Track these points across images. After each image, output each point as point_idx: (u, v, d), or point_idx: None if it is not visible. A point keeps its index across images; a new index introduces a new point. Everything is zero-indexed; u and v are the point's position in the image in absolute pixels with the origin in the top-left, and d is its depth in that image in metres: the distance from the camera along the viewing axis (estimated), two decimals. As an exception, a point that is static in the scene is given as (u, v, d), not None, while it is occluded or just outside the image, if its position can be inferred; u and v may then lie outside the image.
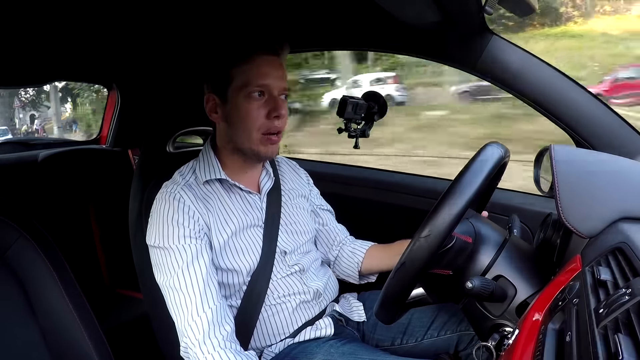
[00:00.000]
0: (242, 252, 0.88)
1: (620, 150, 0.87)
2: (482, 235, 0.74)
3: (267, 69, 0.84)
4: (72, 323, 0.71)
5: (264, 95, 0.85)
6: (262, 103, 0.85)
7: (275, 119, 0.85)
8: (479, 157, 0.67)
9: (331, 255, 1.09)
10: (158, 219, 0.83)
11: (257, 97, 0.84)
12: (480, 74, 0.99)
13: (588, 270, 0.54)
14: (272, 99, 0.85)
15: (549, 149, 0.72)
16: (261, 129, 0.85)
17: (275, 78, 0.85)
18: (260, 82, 0.83)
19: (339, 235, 1.10)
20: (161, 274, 0.82)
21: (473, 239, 0.74)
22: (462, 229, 0.73)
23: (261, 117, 0.84)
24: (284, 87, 0.87)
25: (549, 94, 0.93)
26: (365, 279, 1.09)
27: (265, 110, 0.84)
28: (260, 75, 0.84)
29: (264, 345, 0.90)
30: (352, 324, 0.99)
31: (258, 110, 0.84)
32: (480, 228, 0.75)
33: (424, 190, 1.35)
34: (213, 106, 0.89)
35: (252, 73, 0.83)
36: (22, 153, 1.70)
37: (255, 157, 0.89)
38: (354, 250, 1.08)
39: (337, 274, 1.10)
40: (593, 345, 0.39)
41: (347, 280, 1.10)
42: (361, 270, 1.07)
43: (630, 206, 0.64)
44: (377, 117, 1.12)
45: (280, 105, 0.85)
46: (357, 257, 1.07)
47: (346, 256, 1.08)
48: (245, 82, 0.83)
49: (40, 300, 0.72)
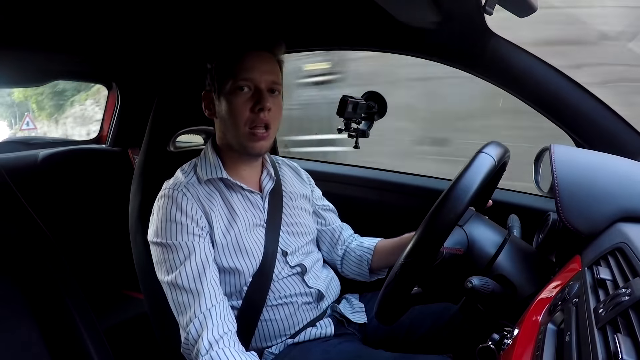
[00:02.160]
0: (245, 252, 0.87)
1: (620, 150, 0.87)
2: (475, 242, 0.73)
3: (252, 63, 0.85)
4: (72, 323, 0.71)
5: (250, 89, 0.85)
6: (248, 97, 0.85)
7: (260, 112, 0.84)
8: (469, 171, 0.64)
9: (336, 254, 1.09)
10: (160, 216, 0.83)
11: (243, 91, 0.84)
12: (480, 74, 0.99)
13: (588, 270, 0.54)
14: (257, 92, 0.85)
15: (549, 149, 0.72)
16: (247, 123, 0.85)
17: (262, 72, 0.85)
18: (245, 75, 0.84)
19: (343, 233, 1.09)
20: (163, 271, 0.82)
21: (465, 248, 0.73)
22: (453, 240, 0.73)
23: (247, 111, 0.84)
24: (272, 80, 0.86)
25: (549, 94, 0.93)
26: (376, 276, 1.08)
27: (250, 104, 0.85)
28: (245, 69, 0.84)
29: (265, 345, 0.90)
30: (354, 325, 0.99)
31: (244, 104, 0.84)
32: (475, 233, 0.74)
33: (424, 190, 1.35)
34: (208, 103, 0.90)
35: (238, 68, 0.84)
36: (22, 152, 1.71)
37: (244, 152, 0.89)
38: (361, 248, 1.07)
39: (347, 274, 1.09)
40: (592, 345, 0.39)
41: (357, 279, 1.09)
42: (371, 267, 1.06)
43: (630, 206, 0.64)
44: (377, 117, 1.12)
45: (265, 98, 0.84)
46: (366, 255, 1.06)
47: (354, 255, 1.07)
48: (232, 77, 0.84)
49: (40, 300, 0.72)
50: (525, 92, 0.95)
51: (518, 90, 0.95)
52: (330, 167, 1.62)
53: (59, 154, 1.68)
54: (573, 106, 0.92)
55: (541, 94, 0.93)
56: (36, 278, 0.72)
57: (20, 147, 1.80)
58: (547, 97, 0.93)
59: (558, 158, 0.69)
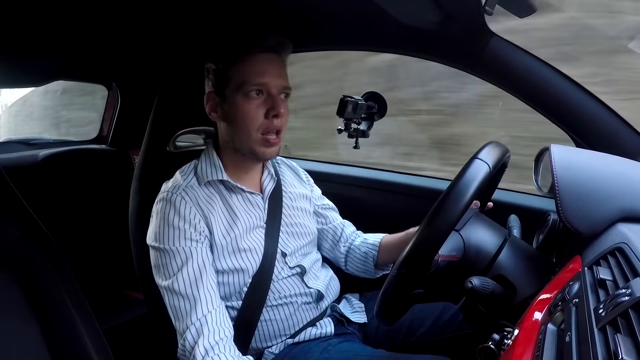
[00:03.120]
0: (245, 252, 0.87)
1: (620, 150, 0.87)
2: (472, 248, 0.73)
3: (264, 67, 0.83)
4: (72, 323, 0.71)
5: (263, 94, 0.84)
6: (260, 102, 0.84)
7: (274, 118, 0.83)
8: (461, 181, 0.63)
9: (339, 252, 1.08)
10: (159, 220, 0.83)
11: (255, 95, 0.83)
12: (480, 74, 0.99)
13: (588, 270, 0.54)
14: (270, 98, 0.84)
15: (549, 149, 0.71)
16: (260, 128, 0.84)
17: (274, 76, 0.84)
18: (257, 80, 0.82)
19: (345, 230, 1.09)
20: (160, 275, 0.82)
21: (461, 254, 0.73)
22: (449, 247, 0.73)
23: (260, 117, 0.83)
24: (284, 85, 0.86)
25: (549, 94, 0.92)
26: (381, 272, 1.08)
27: (263, 109, 0.83)
28: (257, 73, 0.82)
29: (265, 346, 0.90)
30: (354, 325, 0.99)
31: (256, 110, 0.83)
32: (472, 238, 0.74)
33: (425, 190, 1.35)
34: (213, 105, 0.88)
35: (248, 72, 0.82)
36: (22, 152, 1.71)
37: (254, 157, 0.88)
38: (366, 245, 1.07)
39: (352, 271, 1.09)
40: (592, 346, 0.39)
41: (363, 276, 1.09)
42: (377, 263, 1.05)
43: (630, 206, 0.64)
44: (377, 117, 1.12)
45: (279, 104, 0.83)
46: (372, 252, 1.05)
47: (359, 252, 1.07)
48: (243, 81, 0.82)
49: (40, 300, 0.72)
50: (525, 93, 0.95)
51: (518, 90, 0.95)
52: (330, 167, 1.62)
53: (59, 154, 1.68)
54: (573, 106, 0.92)
55: (541, 94, 0.93)
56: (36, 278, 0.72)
57: (21, 147, 1.80)
58: (547, 98, 0.93)
59: (558, 158, 0.69)
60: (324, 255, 1.11)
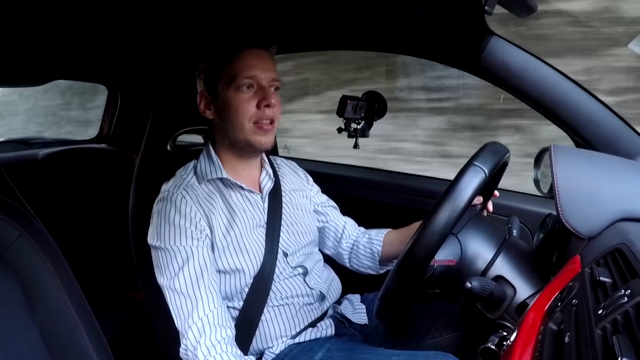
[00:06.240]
0: (246, 252, 0.87)
1: (620, 151, 0.87)
2: (470, 252, 0.73)
3: (253, 61, 0.85)
4: (72, 323, 0.71)
5: (253, 87, 0.86)
6: (251, 94, 0.85)
7: (266, 108, 0.85)
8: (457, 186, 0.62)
9: (342, 249, 1.08)
10: (159, 219, 0.83)
11: (246, 89, 0.85)
12: (481, 74, 0.99)
13: (587, 271, 0.54)
14: (261, 89, 0.86)
15: (549, 150, 0.71)
16: (252, 118, 0.85)
17: (263, 69, 0.86)
18: (247, 73, 0.84)
19: (347, 227, 1.09)
20: (162, 275, 0.82)
21: (458, 258, 0.73)
22: (445, 252, 0.73)
23: (252, 108, 0.85)
24: (273, 77, 0.87)
25: (549, 94, 0.92)
26: (385, 267, 1.08)
27: (255, 101, 0.85)
28: (247, 67, 0.85)
29: (266, 346, 0.90)
30: (355, 326, 0.99)
31: (248, 102, 0.85)
32: (470, 242, 0.74)
33: (425, 191, 1.35)
34: (206, 104, 0.90)
35: (239, 66, 0.85)
36: (22, 152, 1.71)
37: (250, 149, 0.89)
38: (370, 240, 1.06)
39: (356, 267, 1.09)
40: (592, 346, 0.39)
41: (367, 272, 1.09)
42: (382, 258, 1.05)
43: (630, 207, 0.64)
44: (377, 117, 1.12)
45: (270, 95, 0.85)
46: (376, 247, 1.05)
47: (363, 248, 1.07)
48: (233, 75, 0.84)
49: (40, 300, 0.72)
50: (526, 93, 0.95)
51: (518, 90, 0.95)
52: (330, 168, 1.62)
53: (59, 153, 1.68)
54: (573, 107, 0.92)
55: (541, 94, 0.93)
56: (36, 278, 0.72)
57: (20, 147, 1.80)
58: (547, 98, 0.93)
59: (558, 159, 0.69)
60: (327, 252, 1.11)
